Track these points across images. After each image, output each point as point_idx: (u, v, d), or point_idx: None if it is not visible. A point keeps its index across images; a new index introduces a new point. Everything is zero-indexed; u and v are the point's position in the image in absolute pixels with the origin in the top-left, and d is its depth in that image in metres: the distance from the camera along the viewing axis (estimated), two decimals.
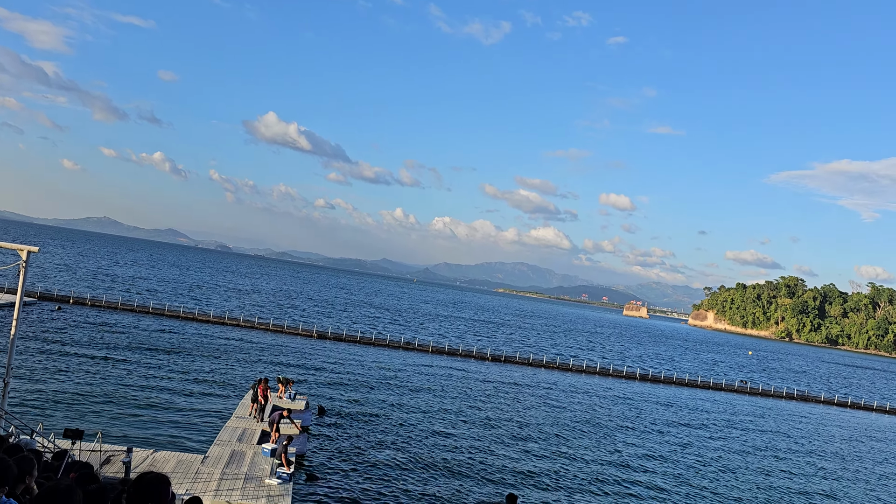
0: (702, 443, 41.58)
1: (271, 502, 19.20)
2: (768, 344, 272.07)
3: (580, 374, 70.47)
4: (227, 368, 42.88)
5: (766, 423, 54.44)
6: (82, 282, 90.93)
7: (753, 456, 39.97)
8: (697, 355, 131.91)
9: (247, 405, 30.24)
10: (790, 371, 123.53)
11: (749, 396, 73.87)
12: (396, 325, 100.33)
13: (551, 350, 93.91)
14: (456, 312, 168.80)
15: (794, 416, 62.27)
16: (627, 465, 32.83)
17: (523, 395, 49.87)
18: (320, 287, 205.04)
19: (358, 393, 40.72)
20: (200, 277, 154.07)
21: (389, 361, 57.48)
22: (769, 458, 40.26)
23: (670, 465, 34.32)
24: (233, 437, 24.99)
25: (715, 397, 67.89)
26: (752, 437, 46.38)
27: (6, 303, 52.43)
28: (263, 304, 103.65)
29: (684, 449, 38.85)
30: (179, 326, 59.94)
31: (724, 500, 29.28)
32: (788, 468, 38.07)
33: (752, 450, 41.75)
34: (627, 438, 39.39)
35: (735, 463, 37.08)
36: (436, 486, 24.85)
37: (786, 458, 41.05)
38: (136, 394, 32.54)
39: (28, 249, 16.35)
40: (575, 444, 35.66)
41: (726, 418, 53.75)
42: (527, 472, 28.80)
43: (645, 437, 40.43)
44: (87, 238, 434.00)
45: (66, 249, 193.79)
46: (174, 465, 20.91)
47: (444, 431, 34.05)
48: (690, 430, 45.33)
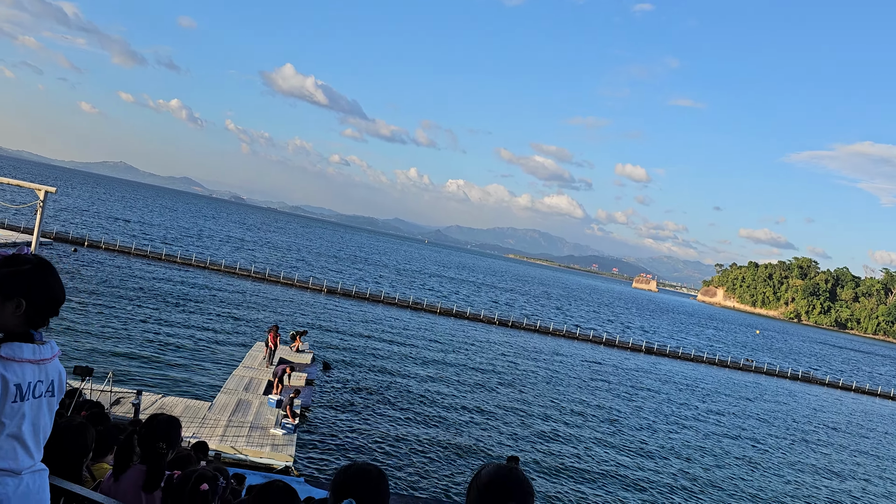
0: (700, 418, 41.87)
1: (275, 451, 19.60)
2: (776, 324, 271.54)
3: (586, 343, 70.76)
4: (236, 319, 43.35)
5: (765, 401, 54.66)
6: (97, 225, 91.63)
7: (743, 435, 40.24)
8: (703, 330, 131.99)
9: (254, 356, 30.82)
10: (796, 353, 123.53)
11: (753, 374, 74.01)
12: (405, 285, 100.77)
13: (558, 318, 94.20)
14: (465, 276, 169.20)
15: (795, 395, 62.44)
16: (620, 432, 33.16)
17: (529, 361, 50.20)
18: (331, 244, 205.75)
19: (363, 349, 41.12)
20: (213, 227, 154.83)
21: (397, 320, 57.90)
22: (761, 436, 40.52)
23: (664, 439, 34.63)
24: (239, 387, 25.42)
25: (719, 374, 68.09)
26: (747, 415, 46.62)
27: (22, 242, 53.00)
28: (274, 257, 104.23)
29: (679, 423, 39.16)
30: (191, 275, 60.48)
31: (713, 475, 29.61)
32: (783, 447, 38.34)
33: (743, 428, 42.02)
34: (622, 408, 39.70)
35: (723, 441, 37.38)
36: (437, 444, 25.23)
37: (780, 436, 41.31)
38: (146, 339, 33.02)
39: (45, 189, 16.50)
40: (572, 410, 36.00)
41: (726, 393, 53.99)
42: (527, 434, 29.15)
43: (642, 409, 40.74)
44: (103, 182, 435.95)
45: (83, 192, 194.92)
46: (182, 409, 21.32)
47: (448, 391, 34.43)
48: (689, 405, 45.61)
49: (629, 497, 24.01)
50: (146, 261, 64.15)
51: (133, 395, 19.62)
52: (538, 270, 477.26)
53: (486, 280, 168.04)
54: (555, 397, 38.67)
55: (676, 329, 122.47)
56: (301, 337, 35.16)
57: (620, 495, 23.96)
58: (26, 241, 49.89)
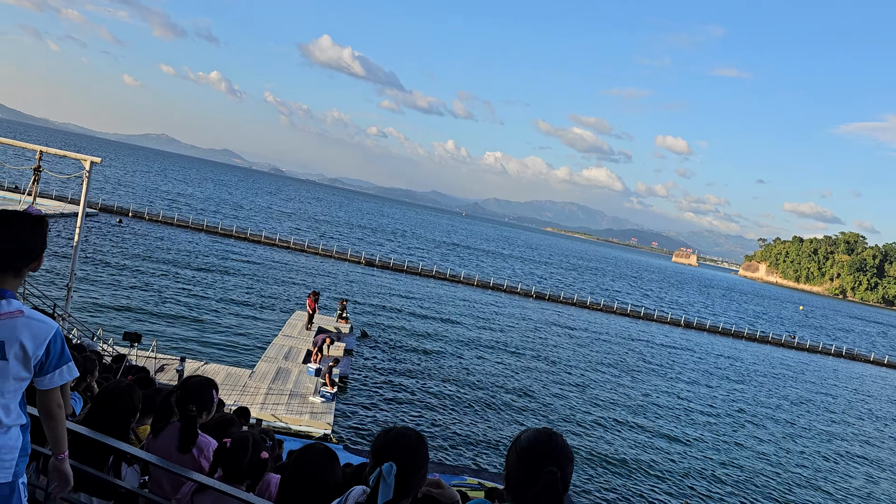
0: (738, 395, 41.39)
1: (314, 419, 19.95)
2: (821, 300, 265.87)
3: (623, 317, 70.25)
4: (276, 288, 44.01)
5: (806, 379, 53.75)
6: (141, 196, 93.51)
7: (781, 410, 39.68)
8: (743, 306, 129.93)
9: (293, 324, 31.38)
10: (839, 329, 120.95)
11: (795, 351, 72.75)
12: (442, 257, 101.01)
13: (595, 292, 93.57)
14: (502, 249, 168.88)
15: (839, 374, 61.24)
16: (657, 407, 32.98)
17: (565, 334, 50.08)
18: (370, 216, 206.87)
19: (401, 320, 41.44)
20: (253, 199, 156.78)
21: (434, 292, 58.16)
22: (801, 413, 39.92)
23: (696, 412, 34.35)
24: (279, 355, 25.86)
25: (760, 350, 67.10)
26: (787, 392, 45.93)
27: (70, 212, 54.38)
28: (313, 228, 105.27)
29: (718, 398, 38.76)
30: (231, 245, 61.47)
31: (749, 450, 29.31)
32: (821, 425, 37.72)
33: (781, 404, 41.43)
34: (661, 383, 39.43)
35: (761, 415, 36.91)
36: (474, 412, 25.42)
37: (818, 414, 40.64)
38: (189, 307, 33.75)
39: (91, 160, 16.82)
40: (611, 386, 35.88)
41: (766, 370, 53.22)
42: (563, 405, 29.18)
43: (676, 383, 40.41)
44: (146, 154, 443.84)
45: (126, 164, 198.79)
46: (223, 377, 21.80)
47: (484, 362, 34.57)
48: (731, 383, 45.09)
49: (667, 470, 23.94)
50: (188, 231, 65.35)
51: (177, 362, 20.12)
52: (576, 244, 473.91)
53: (523, 254, 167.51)
54: (591, 371, 38.57)
55: (715, 304, 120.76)
56: (343, 306, 35.56)
57: (659, 468, 23.89)
58: (73, 212, 51.15)
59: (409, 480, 2.65)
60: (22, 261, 3.07)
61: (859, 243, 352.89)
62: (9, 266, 3.02)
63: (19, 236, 3.05)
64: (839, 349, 77.75)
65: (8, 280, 3.02)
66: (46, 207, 55.45)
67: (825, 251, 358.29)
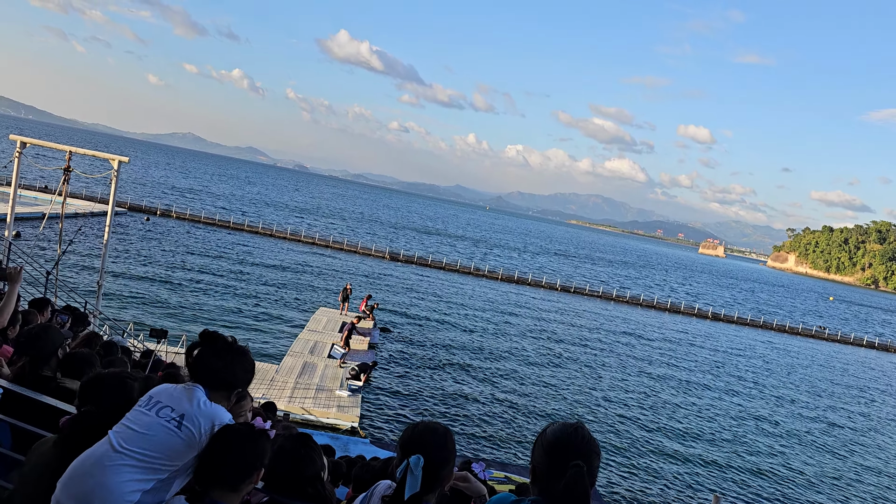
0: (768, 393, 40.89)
1: (342, 412, 20.10)
2: (852, 290, 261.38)
3: (649, 310, 69.68)
4: (301, 284, 44.33)
5: (832, 370, 52.92)
6: (168, 195, 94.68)
7: (807, 402, 39.12)
8: (771, 298, 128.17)
9: (318, 319, 31.73)
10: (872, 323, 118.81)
11: (827, 343, 71.64)
12: (467, 251, 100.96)
13: (622, 284, 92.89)
14: (527, 242, 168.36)
15: (869, 365, 60.20)
16: (684, 402, 32.70)
17: (590, 327, 49.82)
18: (394, 211, 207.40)
19: (425, 314, 41.52)
20: (278, 196, 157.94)
21: (459, 286, 58.17)
22: (824, 405, 39.31)
23: (722, 406, 33.99)
24: (305, 349, 26.07)
25: (789, 342, 66.18)
26: (811, 382, 45.25)
27: (99, 211, 55.23)
28: (337, 224, 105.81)
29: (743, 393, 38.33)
30: (258, 242, 62.01)
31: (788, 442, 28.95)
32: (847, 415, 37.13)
33: (807, 395, 40.84)
34: (687, 377, 39.08)
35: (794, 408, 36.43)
36: (499, 406, 25.41)
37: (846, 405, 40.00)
38: (216, 303, 34.14)
39: (119, 159, 17.04)
40: (635, 377, 35.65)
41: (790, 361, 52.50)
42: (590, 399, 29.05)
43: (709, 378, 40.03)
44: (172, 153, 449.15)
45: (154, 163, 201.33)
46: None
47: (509, 355, 34.52)
48: (759, 375, 44.56)
49: (696, 465, 23.75)
50: (215, 228, 66.05)
51: None
52: (601, 237, 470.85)
53: (548, 247, 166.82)
54: (616, 363, 38.34)
55: (741, 295, 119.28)
56: (369, 301, 35.91)
57: (685, 465, 23.72)
58: (103, 211, 51.82)
59: (437, 474, 2.65)
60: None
61: (891, 232, 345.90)
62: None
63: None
64: (871, 340, 76.40)
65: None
66: (77, 207, 56.41)
67: (856, 240, 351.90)
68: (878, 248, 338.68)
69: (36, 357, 4.51)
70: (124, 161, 17.31)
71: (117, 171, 17.26)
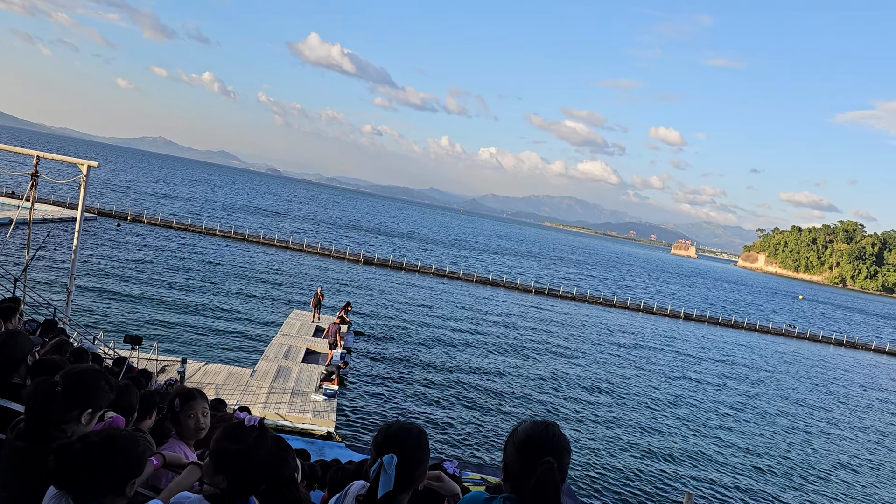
0: (733, 388, 41.49)
1: (317, 416, 20.00)
2: (820, 289, 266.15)
3: (623, 311, 70.30)
4: (275, 288, 44.03)
5: (799, 368, 53.87)
6: (140, 200, 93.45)
7: (775, 399, 39.78)
8: (742, 297, 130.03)
9: (291, 323, 31.55)
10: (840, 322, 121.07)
11: (796, 340, 72.85)
12: (441, 254, 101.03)
13: (595, 286, 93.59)
14: (501, 244, 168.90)
15: (835, 362, 61.35)
16: (657, 401, 33.06)
17: (564, 328, 50.15)
18: (368, 214, 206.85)
19: (400, 317, 41.47)
20: (251, 200, 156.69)
21: (433, 289, 58.18)
22: (794, 404, 40.02)
23: (688, 403, 34.43)
24: (279, 354, 25.91)
25: (759, 340, 67.20)
26: (782, 381, 46.03)
27: (68, 217, 54.35)
28: (311, 228, 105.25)
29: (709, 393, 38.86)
30: (231, 246, 61.47)
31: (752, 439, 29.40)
32: (811, 416, 37.83)
33: (778, 395, 41.54)
34: (659, 377, 39.50)
35: (758, 406, 37.01)
36: (473, 407, 25.47)
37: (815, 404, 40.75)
38: (189, 309, 33.78)
39: (88, 164, 16.83)
40: (606, 376, 35.96)
41: (761, 362, 53.34)
42: (562, 399, 29.24)
43: (678, 377, 40.50)
44: (143, 158, 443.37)
45: (125, 168, 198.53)
46: (225, 377, 21.85)
47: (483, 357, 34.61)
48: (724, 370, 45.19)
49: (669, 462, 24.02)
50: (187, 233, 65.34)
51: (178, 364, 20.14)
52: (575, 238, 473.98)
53: (522, 249, 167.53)
54: (589, 364, 38.63)
55: (711, 294, 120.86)
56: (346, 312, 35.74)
57: (657, 463, 23.97)
58: (72, 217, 50.93)
59: (411, 473, 2.68)
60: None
61: (858, 231, 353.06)
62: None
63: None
64: (839, 338, 77.86)
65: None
66: (45, 212, 55.47)
67: (824, 240, 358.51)
68: (846, 247, 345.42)
69: (4, 364, 4.45)
70: (93, 166, 17.09)
71: (86, 176, 17.03)
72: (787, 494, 23.24)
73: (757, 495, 22.55)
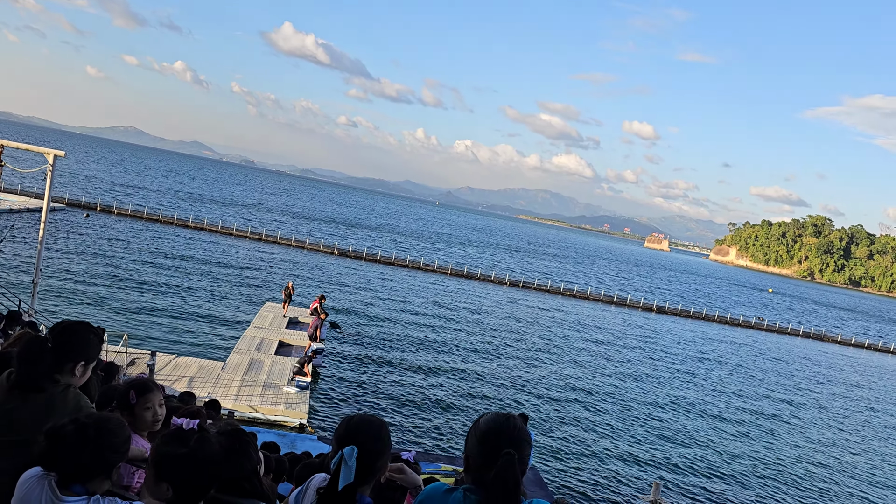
0: (705, 375, 42.10)
1: (289, 409, 19.91)
2: (789, 282, 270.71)
3: (596, 303, 70.89)
4: (248, 281, 43.68)
5: (767, 359, 54.84)
6: (109, 190, 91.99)
7: (746, 393, 40.48)
8: (713, 290, 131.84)
9: (264, 316, 31.29)
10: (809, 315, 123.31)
11: (765, 333, 74.08)
12: (416, 247, 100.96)
13: (568, 278, 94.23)
14: (476, 237, 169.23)
15: (803, 354, 62.54)
16: (627, 392, 33.45)
17: (536, 321, 50.45)
18: (343, 207, 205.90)
19: (374, 310, 41.40)
20: (224, 191, 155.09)
21: (407, 281, 58.14)
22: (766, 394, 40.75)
23: (660, 393, 34.89)
24: (251, 347, 25.72)
25: (729, 332, 68.21)
26: (747, 372, 46.83)
27: (35, 207, 53.33)
28: (285, 219, 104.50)
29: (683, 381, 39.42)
30: (203, 238, 60.81)
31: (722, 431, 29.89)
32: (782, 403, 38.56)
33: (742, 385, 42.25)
34: (632, 369, 39.95)
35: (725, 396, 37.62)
36: (444, 399, 25.55)
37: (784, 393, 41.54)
38: (159, 301, 33.37)
39: (54, 153, 16.52)
40: (580, 370, 36.29)
41: (728, 351, 54.20)
42: (532, 390, 29.44)
43: (649, 367, 40.99)
44: (113, 147, 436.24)
45: (94, 157, 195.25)
46: (196, 370, 21.64)
47: (456, 349, 34.71)
48: (694, 362, 45.84)
49: (632, 455, 24.32)
50: (157, 224, 64.49)
51: (147, 356, 19.90)
52: (550, 231, 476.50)
53: (497, 241, 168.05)
54: (559, 356, 38.93)
55: (685, 288, 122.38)
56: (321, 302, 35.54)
57: (626, 453, 24.26)
58: (39, 207, 50.05)
59: (372, 465, 2.68)
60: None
61: (826, 226, 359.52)
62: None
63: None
64: (807, 330, 79.36)
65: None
66: (10, 202, 54.38)
67: (793, 234, 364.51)
68: (814, 241, 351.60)
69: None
70: (60, 155, 16.79)
71: (52, 166, 16.72)
72: (752, 481, 23.67)
73: (724, 484, 22.94)
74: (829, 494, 24.35)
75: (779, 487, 23.84)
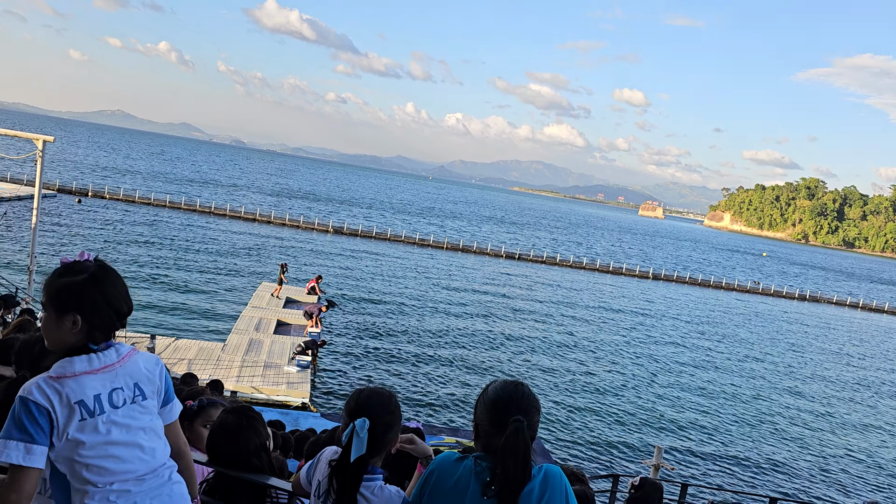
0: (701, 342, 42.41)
1: (291, 388, 20.02)
2: (784, 246, 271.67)
3: (592, 272, 71.09)
4: (243, 261, 43.63)
5: (763, 322, 55.24)
6: (100, 174, 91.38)
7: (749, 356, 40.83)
8: (707, 256, 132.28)
9: (261, 295, 31.29)
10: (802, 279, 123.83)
11: (761, 296, 74.50)
12: (411, 221, 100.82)
13: (565, 249, 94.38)
14: (471, 210, 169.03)
15: (800, 316, 62.99)
16: (627, 358, 33.70)
17: (534, 291, 50.60)
18: (335, 184, 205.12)
19: (371, 286, 41.45)
20: (215, 172, 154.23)
21: (403, 257, 58.16)
22: (763, 356, 41.10)
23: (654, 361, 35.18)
24: (250, 326, 25.77)
25: (724, 297, 68.59)
26: (748, 337, 47.20)
27: (26, 195, 53.01)
28: (278, 199, 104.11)
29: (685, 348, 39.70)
30: (196, 220, 60.59)
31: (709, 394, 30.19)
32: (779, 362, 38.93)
33: (743, 350, 42.60)
34: (632, 334, 40.20)
35: (725, 360, 37.95)
36: (446, 373, 25.72)
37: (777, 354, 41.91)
38: (157, 284, 33.35)
39: (43, 139, 16.37)
40: (575, 338, 36.50)
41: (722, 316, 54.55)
42: (535, 361, 29.65)
43: (648, 332, 41.26)
44: (101, 131, 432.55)
45: (83, 142, 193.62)
46: (196, 352, 21.69)
47: (456, 323, 34.85)
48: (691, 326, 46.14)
49: (636, 422, 24.57)
50: (150, 207, 64.20)
51: (147, 340, 19.92)
52: (544, 202, 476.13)
53: (492, 214, 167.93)
54: (557, 325, 39.13)
55: (678, 253, 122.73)
56: (318, 282, 35.51)
57: (628, 419, 24.50)
58: (30, 194, 49.74)
59: (383, 437, 2.70)
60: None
61: (819, 188, 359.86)
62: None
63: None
64: (803, 293, 79.84)
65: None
66: (1, 190, 54.00)
67: (787, 198, 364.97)
68: (808, 204, 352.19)
69: None
70: (49, 140, 16.64)
71: (42, 152, 16.58)
72: (747, 443, 23.97)
73: (723, 446, 23.23)
74: (828, 448, 24.70)
75: (777, 446, 24.17)
